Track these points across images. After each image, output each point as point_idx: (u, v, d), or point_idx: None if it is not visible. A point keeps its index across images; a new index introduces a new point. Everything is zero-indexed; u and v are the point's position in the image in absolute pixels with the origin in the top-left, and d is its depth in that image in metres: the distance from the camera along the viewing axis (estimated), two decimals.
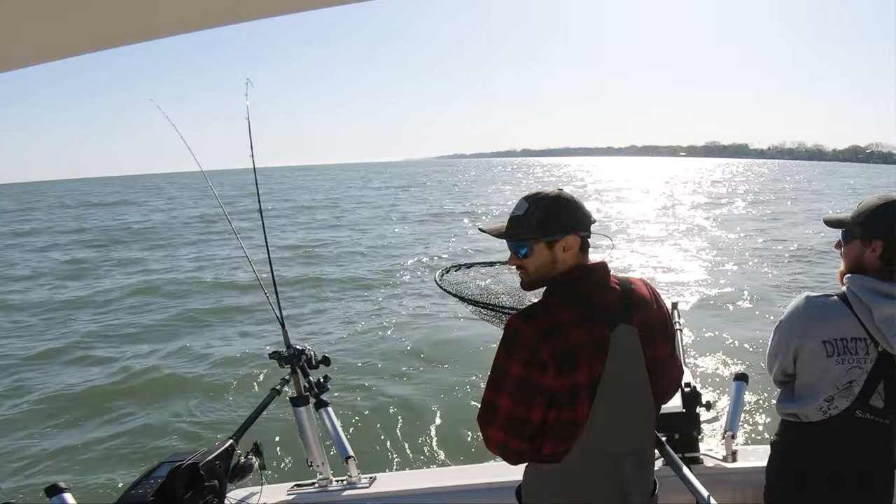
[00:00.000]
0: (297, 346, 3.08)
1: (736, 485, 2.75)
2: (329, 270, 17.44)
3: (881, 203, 2.05)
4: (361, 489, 3.00)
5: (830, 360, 2.03)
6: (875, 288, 1.98)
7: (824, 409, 2.06)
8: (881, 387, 2.01)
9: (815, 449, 2.13)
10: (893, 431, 2.08)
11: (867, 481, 2.13)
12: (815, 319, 2.07)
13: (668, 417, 2.73)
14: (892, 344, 1.95)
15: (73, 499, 2.46)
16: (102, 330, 12.18)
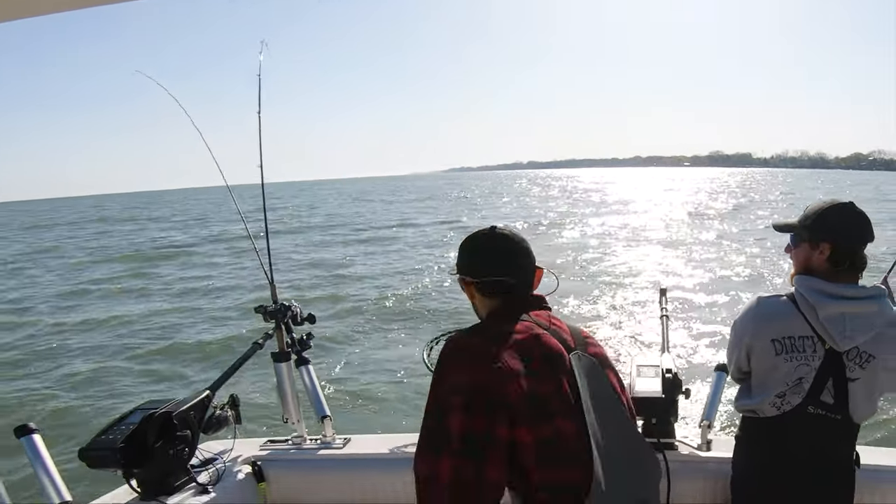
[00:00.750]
0: (283, 301, 3.07)
1: (708, 473, 2.78)
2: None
3: (828, 207, 2.13)
4: (335, 449, 3.01)
5: (779, 357, 2.09)
6: (821, 289, 2.04)
7: (777, 404, 2.13)
8: (830, 383, 2.06)
9: (774, 443, 2.20)
10: (849, 427, 2.14)
11: (825, 475, 2.19)
12: (765, 319, 2.16)
13: (646, 402, 2.77)
14: (838, 341, 2.01)
15: (42, 440, 2.42)
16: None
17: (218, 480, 2.74)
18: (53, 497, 2.32)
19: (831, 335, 2.01)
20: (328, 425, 3.08)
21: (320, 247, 24.92)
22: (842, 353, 2.05)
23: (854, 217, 2.09)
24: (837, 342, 2.01)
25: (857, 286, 2.08)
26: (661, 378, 2.83)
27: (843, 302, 2.03)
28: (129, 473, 2.53)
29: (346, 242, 26.39)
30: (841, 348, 2.02)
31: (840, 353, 2.05)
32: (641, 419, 2.83)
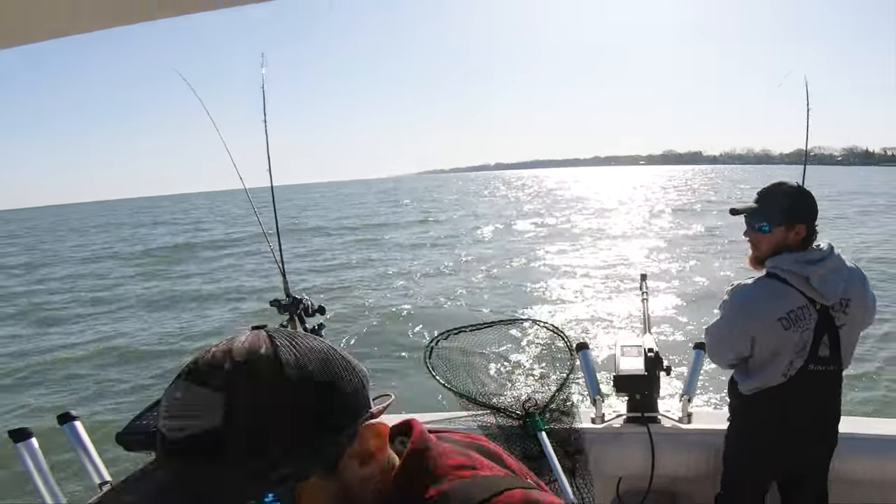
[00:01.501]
0: (295, 294, 3.16)
1: (690, 445, 2.94)
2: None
3: (797, 190, 2.32)
4: None
5: (788, 332, 2.23)
6: (806, 260, 2.24)
7: (786, 372, 2.28)
8: (825, 338, 2.25)
9: (774, 409, 2.35)
10: (839, 379, 2.35)
11: (820, 431, 2.39)
12: (765, 304, 2.28)
13: (630, 379, 2.95)
14: (829, 298, 2.23)
15: (83, 426, 2.54)
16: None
17: None
18: (95, 478, 2.44)
19: (823, 295, 2.21)
20: None
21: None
22: (829, 307, 2.25)
23: (812, 199, 2.30)
24: (829, 299, 2.22)
25: (819, 249, 2.29)
26: (643, 357, 2.99)
27: (822, 264, 2.24)
28: None
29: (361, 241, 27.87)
30: (830, 302, 2.23)
31: (828, 308, 2.25)
32: (626, 395, 3.01)
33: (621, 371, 3.01)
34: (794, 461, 2.50)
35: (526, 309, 12.01)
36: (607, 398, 3.21)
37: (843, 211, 30.20)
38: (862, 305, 2.35)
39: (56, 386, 8.57)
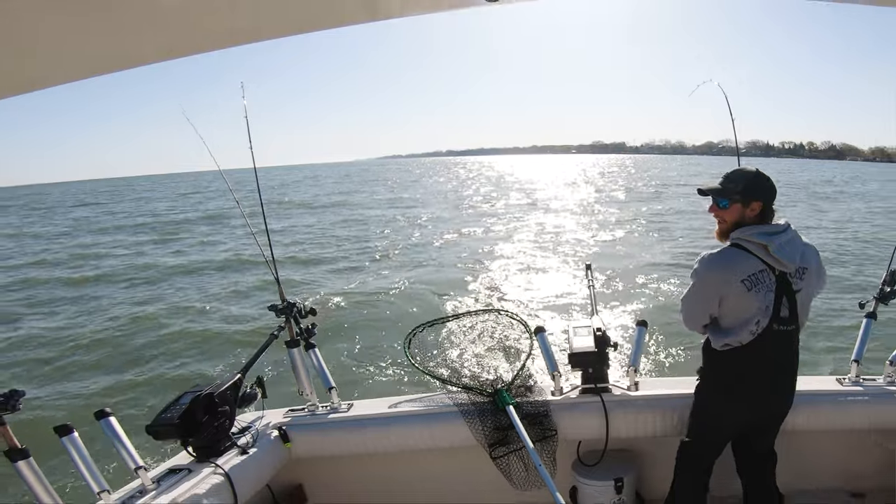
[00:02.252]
0: (289, 299, 3.50)
1: (638, 409, 3.27)
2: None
3: (754, 173, 2.61)
4: (342, 413, 3.50)
5: (751, 293, 2.53)
6: (764, 231, 2.54)
7: (754, 330, 2.58)
8: (785, 301, 2.56)
9: (744, 364, 2.66)
10: (797, 337, 2.67)
11: (781, 383, 2.73)
12: (729, 268, 2.57)
13: (582, 355, 3.27)
14: (787, 265, 2.53)
15: (117, 420, 2.85)
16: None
17: (254, 443, 3.21)
18: (130, 464, 2.76)
19: (781, 262, 2.51)
20: (334, 394, 3.58)
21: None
22: (787, 274, 2.56)
23: (769, 180, 2.61)
24: (787, 265, 2.53)
25: (779, 224, 2.59)
26: (593, 336, 3.31)
27: (779, 236, 2.53)
28: (185, 442, 3.01)
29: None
30: (790, 269, 2.55)
31: (786, 274, 2.56)
32: (580, 370, 3.32)
33: (575, 349, 3.30)
34: (757, 412, 2.80)
35: (490, 300, 13.21)
36: (564, 373, 3.50)
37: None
38: (817, 275, 2.67)
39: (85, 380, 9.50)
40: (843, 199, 36.30)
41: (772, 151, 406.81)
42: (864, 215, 28.29)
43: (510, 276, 15.71)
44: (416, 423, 3.37)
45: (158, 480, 2.93)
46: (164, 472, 3.02)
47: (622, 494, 3.31)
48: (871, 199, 37.36)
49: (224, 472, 2.98)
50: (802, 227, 20.18)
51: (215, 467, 2.99)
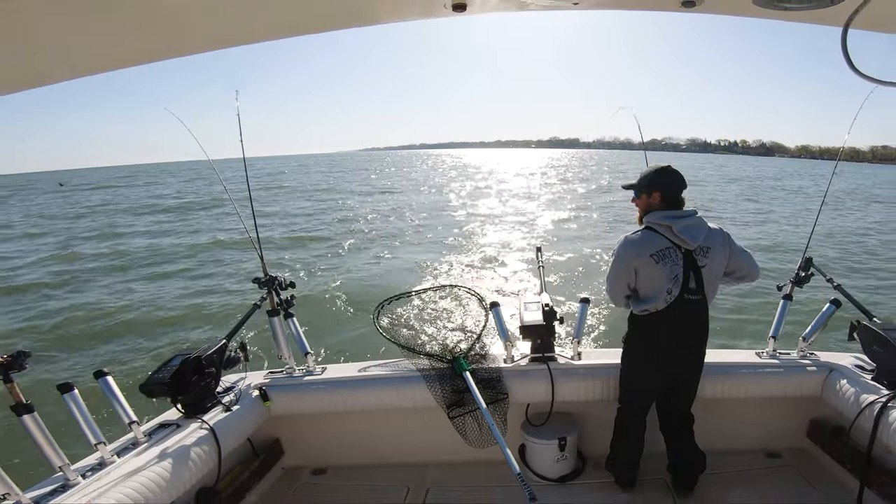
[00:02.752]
0: (271, 273, 3.71)
1: (580, 376, 3.54)
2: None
3: (654, 169, 3.02)
4: (316, 376, 3.71)
5: (659, 265, 2.90)
6: (670, 215, 2.92)
7: (667, 298, 2.93)
8: (692, 274, 2.92)
9: (661, 327, 3.01)
10: (706, 307, 3.01)
11: (694, 345, 3.09)
12: (641, 244, 2.95)
13: (532, 328, 3.52)
14: (690, 243, 2.88)
15: (113, 380, 2.98)
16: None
17: (237, 401, 3.41)
18: (124, 418, 2.92)
19: (685, 240, 2.88)
20: (310, 359, 3.79)
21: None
22: (692, 251, 2.91)
23: (671, 174, 2.99)
24: (689, 244, 2.88)
25: (686, 210, 2.97)
26: (541, 311, 3.55)
27: (683, 219, 2.91)
28: (175, 400, 3.18)
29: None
30: (692, 247, 2.89)
31: (692, 252, 2.91)
32: (530, 340, 3.57)
33: (525, 322, 3.53)
34: (674, 369, 3.12)
35: (451, 277, 14.66)
36: (515, 343, 3.74)
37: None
38: (721, 255, 2.98)
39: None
40: (784, 194, 39.88)
41: (709, 148, 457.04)
42: (797, 209, 30.62)
43: (471, 256, 17.27)
44: (383, 385, 3.55)
45: (150, 434, 3.06)
46: (155, 426, 3.16)
47: (565, 452, 3.53)
48: (802, 194, 40.71)
49: (209, 427, 3.12)
50: (748, 220, 22.42)
51: (201, 423, 3.14)
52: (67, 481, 2.62)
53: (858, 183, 55.90)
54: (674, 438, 3.35)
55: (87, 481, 2.63)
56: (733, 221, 24.64)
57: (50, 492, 2.55)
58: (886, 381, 3.17)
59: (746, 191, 42.36)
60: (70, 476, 2.63)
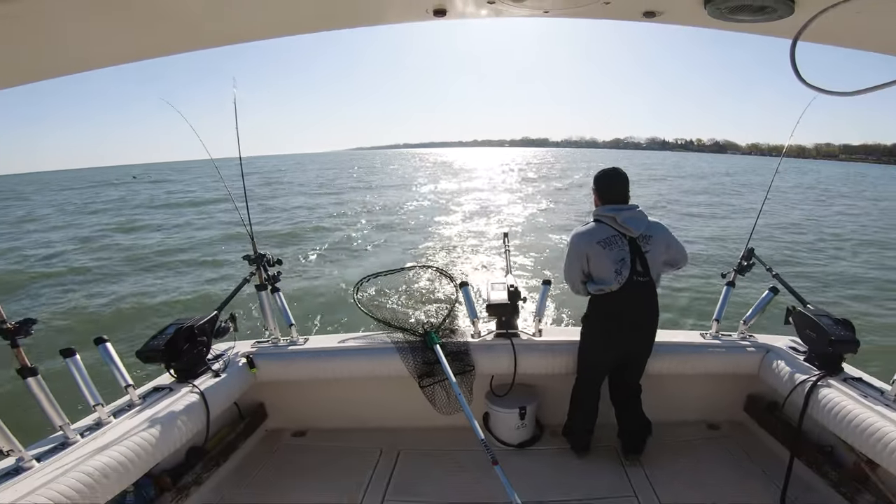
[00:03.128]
0: (260, 251, 3.86)
1: (541, 352, 3.73)
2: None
3: (597, 174, 3.33)
4: (299, 346, 3.87)
5: (605, 251, 3.16)
6: (612, 208, 3.20)
7: (618, 279, 3.17)
8: (638, 259, 3.18)
9: (615, 305, 3.24)
10: (654, 287, 3.26)
11: (646, 322, 3.33)
12: (589, 234, 3.21)
13: (498, 306, 3.72)
14: (633, 231, 3.15)
15: (112, 346, 3.10)
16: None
17: (225, 368, 3.56)
18: (121, 382, 3.03)
19: (628, 228, 3.15)
20: (294, 330, 3.94)
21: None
22: (636, 239, 3.17)
23: (606, 177, 3.28)
24: (633, 231, 3.15)
25: (628, 205, 3.24)
26: (506, 291, 3.75)
27: (624, 212, 3.17)
28: (168, 366, 3.34)
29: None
30: (635, 234, 3.15)
31: (635, 239, 3.17)
32: (495, 318, 3.78)
33: (491, 301, 3.72)
34: (627, 345, 3.36)
35: (425, 258, 15.90)
36: (482, 320, 3.93)
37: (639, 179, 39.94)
38: (662, 243, 3.23)
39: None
40: (736, 187, 43.08)
41: (667, 146, 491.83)
42: (744, 203, 32.75)
43: (444, 240, 19.03)
44: (360, 356, 3.71)
45: (144, 397, 3.17)
46: (150, 389, 3.29)
47: (524, 420, 3.74)
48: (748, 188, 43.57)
49: (199, 391, 3.26)
50: (700, 213, 25.37)
51: (192, 387, 3.28)
52: (67, 439, 2.71)
53: (812, 179, 60.09)
54: (624, 409, 3.58)
55: (86, 440, 2.73)
56: (683, 214, 26.54)
57: (50, 449, 2.64)
58: (817, 362, 3.37)
59: (695, 186, 45.23)
60: (69, 435, 2.72)
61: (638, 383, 3.55)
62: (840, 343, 3.22)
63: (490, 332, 3.89)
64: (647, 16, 1.80)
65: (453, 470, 3.57)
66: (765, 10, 1.57)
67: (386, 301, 3.76)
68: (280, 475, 3.61)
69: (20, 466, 2.48)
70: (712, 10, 1.63)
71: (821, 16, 1.43)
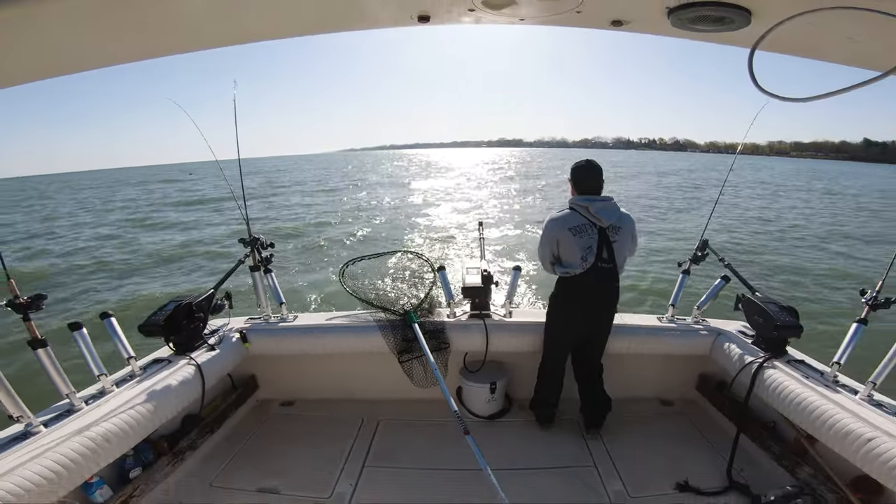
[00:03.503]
0: (255, 235, 3.99)
1: (511, 331, 3.89)
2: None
3: (574, 164, 3.46)
4: (289, 322, 4.00)
5: (576, 237, 3.32)
6: (586, 198, 3.34)
7: (583, 265, 3.34)
8: (605, 247, 3.33)
9: (579, 288, 3.42)
10: (616, 273, 3.39)
11: (606, 305, 3.50)
12: (562, 221, 3.36)
13: (472, 289, 3.88)
14: (603, 221, 3.29)
15: (116, 321, 3.24)
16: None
17: (220, 342, 3.67)
18: (124, 354, 3.17)
19: (599, 218, 3.30)
20: (284, 308, 4.09)
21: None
22: (605, 229, 3.33)
23: (581, 169, 3.42)
24: (603, 222, 3.31)
25: (601, 196, 3.38)
26: (480, 275, 3.91)
27: (596, 203, 3.32)
28: (168, 339, 3.47)
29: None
30: (605, 224, 3.31)
31: (605, 229, 3.33)
32: (470, 300, 3.93)
33: (466, 284, 3.87)
34: (589, 324, 3.52)
35: (406, 243, 17.53)
36: (458, 302, 4.06)
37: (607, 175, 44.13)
38: (629, 234, 3.41)
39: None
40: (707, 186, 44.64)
41: (632, 145, 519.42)
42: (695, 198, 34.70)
43: (425, 228, 20.59)
44: (345, 332, 3.84)
45: (145, 368, 3.29)
46: (150, 361, 3.40)
47: (495, 394, 3.91)
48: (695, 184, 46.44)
49: (196, 363, 3.38)
50: (659, 206, 26.85)
51: (189, 359, 3.39)
52: (73, 407, 2.81)
53: (766, 175, 62.74)
54: (586, 386, 3.76)
55: (90, 407, 2.83)
56: (647, 208, 27.75)
57: (57, 415, 2.74)
58: (764, 345, 3.55)
59: (657, 184, 47.06)
60: (75, 402, 2.82)
61: (600, 363, 3.71)
62: (785, 328, 3.38)
63: (465, 312, 4.05)
64: (615, 24, 1.86)
65: (428, 439, 3.71)
66: (724, 21, 1.62)
67: (370, 283, 3.88)
68: (269, 442, 3.73)
69: (29, 431, 2.59)
70: (675, 20, 1.68)
71: (777, 28, 1.46)
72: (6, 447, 2.46)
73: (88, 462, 2.54)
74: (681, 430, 3.87)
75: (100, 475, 2.80)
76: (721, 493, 3.14)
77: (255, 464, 3.47)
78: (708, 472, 3.34)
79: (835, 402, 2.90)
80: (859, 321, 3.16)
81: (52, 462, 2.39)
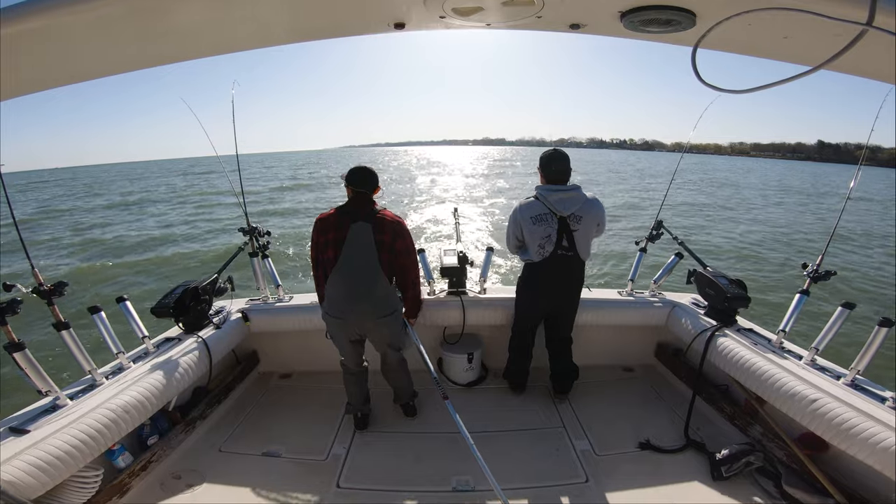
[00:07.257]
0: (253, 224, 4.12)
1: (485, 307, 3.99)
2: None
3: (543, 153, 3.46)
4: (285, 303, 4.10)
5: (535, 226, 3.34)
6: (548, 188, 3.35)
7: (540, 252, 3.38)
8: (564, 237, 3.35)
9: (541, 275, 3.46)
10: (579, 261, 3.40)
11: (569, 289, 3.55)
12: (526, 209, 3.38)
13: (449, 269, 3.96)
14: (561, 212, 3.29)
15: (131, 304, 3.36)
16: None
17: (224, 322, 3.79)
18: (139, 333, 3.31)
19: (557, 209, 3.29)
20: (280, 290, 4.20)
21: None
22: (566, 218, 3.32)
23: (550, 157, 3.40)
24: (561, 212, 3.29)
25: (565, 185, 3.35)
26: (456, 256, 4.01)
27: (557, 193, 3.32)
28: (177, 319, 3.59)
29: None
30: (564, 214, 3.29)
31: (565, 219, 3.32)
32: (447, 279, 4.02)
33: (444, 265, 3.95)
34: (551, 305, 3.57)
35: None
36: (436, 281, 4.13)
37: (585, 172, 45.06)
38: (593, 223, 3.38)
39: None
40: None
41: (605, 145, 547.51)
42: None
43: (406, 215, 21.78)
44: None
45: (158, 346, 3.40)
46: (162, 339, 3.50)
47: (472, 364, 4.01)
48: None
49: (203, 340, 3.48)
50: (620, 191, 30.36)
51: (197, 337, 3.50)
52: (95, 381, 2.90)
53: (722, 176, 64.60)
54: (555, 356, 3.84)
55: (110, 382, 2.91)
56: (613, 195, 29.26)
57: (81, 390, 2.83)
58: (715, 315, 3.66)
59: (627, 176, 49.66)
60: (97, 378, 2.92)
61: (569, 335, 3.77)
62: (734, 299, 3.48)
63: (443, 290, 4.13)
64: (574, 28, 1.84)
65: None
66: (671, 23, 1.64)
67: None
68: (270, 411, 3.81)
69: (56, 404, 2.68)
70: (627, 23, 1.69)
71: (717, 27, 1.48)
72: (37, 419, 2.57)
73: (111, 431, 2.66)
74: (641, 394, 3.97)
75: (121, 443, 2.92)
76: (679, 451, 3.22)
77: (258, 430, 3.56)
78: (667, 432, 3.43)
79: (781, 366, 2.99)
80: (802, 292, 3.26)
81: (79, 432, 2.51)
